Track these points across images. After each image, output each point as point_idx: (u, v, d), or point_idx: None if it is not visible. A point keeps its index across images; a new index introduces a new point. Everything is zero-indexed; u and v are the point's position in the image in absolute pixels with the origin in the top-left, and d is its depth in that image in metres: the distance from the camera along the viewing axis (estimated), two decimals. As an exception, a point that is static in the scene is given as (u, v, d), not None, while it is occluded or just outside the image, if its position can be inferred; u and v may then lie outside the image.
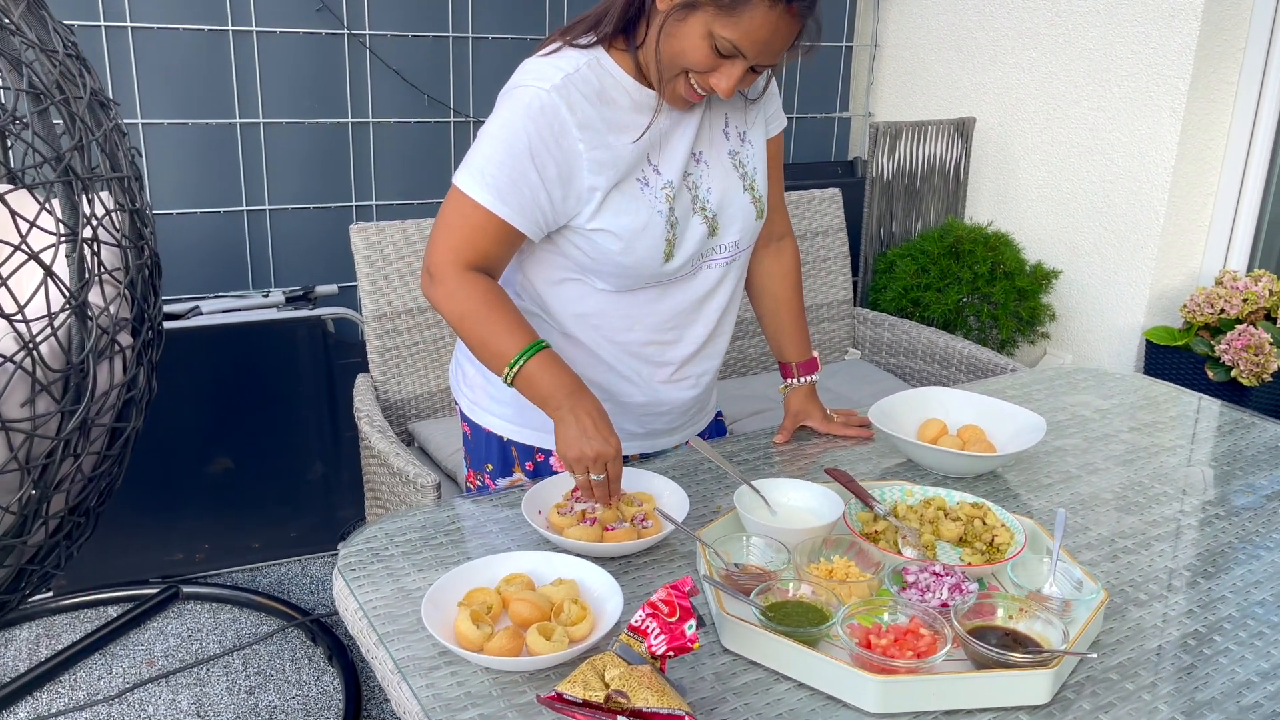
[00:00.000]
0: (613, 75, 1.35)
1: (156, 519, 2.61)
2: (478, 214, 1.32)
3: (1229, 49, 2.83)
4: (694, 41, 1.26)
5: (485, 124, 1.34)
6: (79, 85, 1.46)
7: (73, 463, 1.42)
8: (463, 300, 1.33)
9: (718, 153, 1.45)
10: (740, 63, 1.27)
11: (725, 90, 1.29)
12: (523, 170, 1.30)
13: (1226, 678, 1.07)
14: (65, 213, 1.36)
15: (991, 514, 1.28)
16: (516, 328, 1.32)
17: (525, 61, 1.37)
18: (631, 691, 0.93)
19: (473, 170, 1.32)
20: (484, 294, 1.33)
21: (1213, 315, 2.68)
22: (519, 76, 1.34)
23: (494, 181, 1.31)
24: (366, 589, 1.18)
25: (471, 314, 1.32)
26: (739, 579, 1.15)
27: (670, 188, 1.39)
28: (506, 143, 1.30)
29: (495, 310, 1.32)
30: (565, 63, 1.33)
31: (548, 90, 1.30)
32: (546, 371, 1.30)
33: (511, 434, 1.53)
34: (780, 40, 1.26)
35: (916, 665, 0.99)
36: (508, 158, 1.30)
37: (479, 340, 1.33)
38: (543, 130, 1.30)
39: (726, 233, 1.46)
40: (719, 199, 1.44)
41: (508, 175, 1.30)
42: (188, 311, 2.59)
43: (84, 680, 2.28)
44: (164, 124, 2.74)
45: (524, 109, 1.30)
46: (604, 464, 1.26)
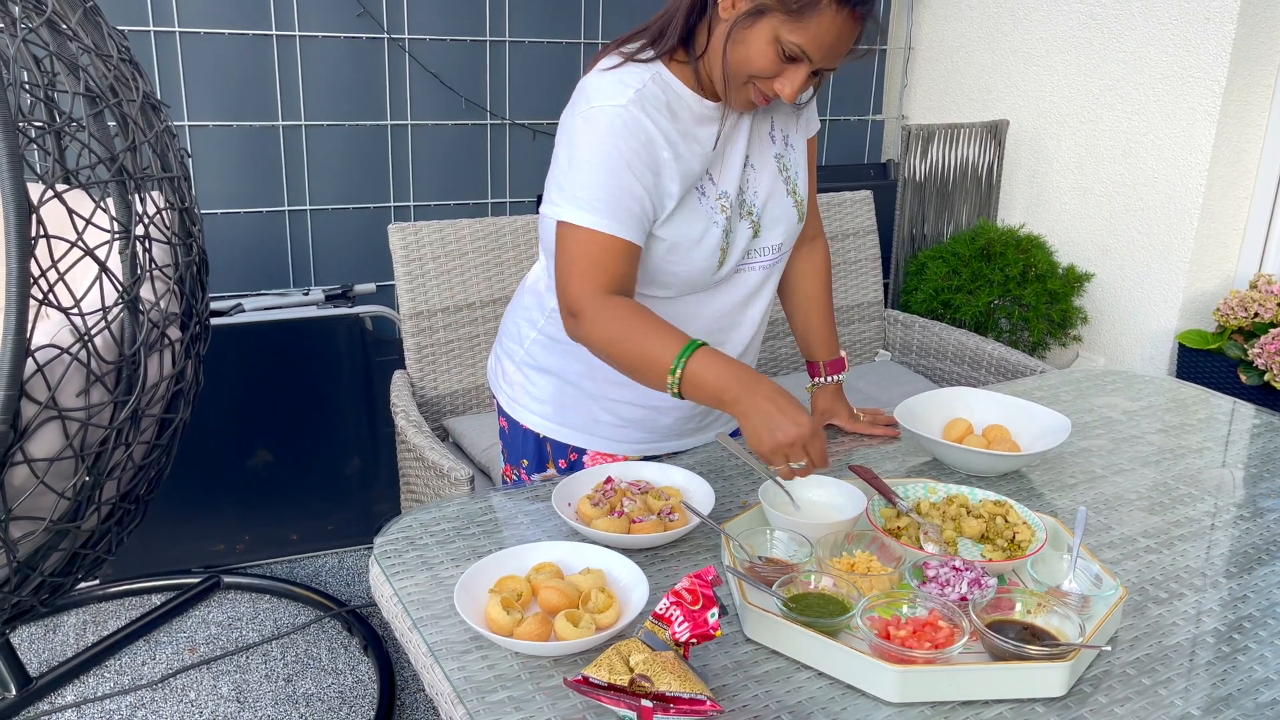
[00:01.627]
0: (674, 89, 1.36)
1: (199, 511, 2.68)
2: (596, 241, 1.30)
3: (1266, 52, 2.81)
4: (760, 47, 1.27)
5: (565, 150, 1.33)
6: (132, 88, 1.52)
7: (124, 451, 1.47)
8: (605, 325, 1.29)
9: (764, 157, 1.47)
10: (805, 67, 1.28)
11: (789, 95, 1.30)
12: (626, 185, 1.30)
13: (1244, 675, 1.08)
14: (119, 211, 1.42)
15: (1013, 511, 1.30)
16: (665, 335, 1.26)
17: (587, 80, 1.36)
18: (655, 676, 0.97)
19: (575, 200, 1.30)
20: (626, 313, 1.28)
21: (1246, 319, 2.67)
22: (589, 97, 1.33)
23: (601, 205, 1.30)
24: (401, 576, 1.22)
25: (618, 336, 1.28)
26: (762, 571, 1.17)
27: (725, 198, 1.41)
28: (602, 164, 1.30)
29: (641, 324, 1.27)
30: (631, 78, 1.33)
31: (625, 106, 1.30)
32: (709, 368, 1.24)
33: (549, 431, 1.56)
34: (844, 43, 1.28)
35: (934, 656, 1.02)
36: (608, 177, 1.30)
37: (633, 358, 1.28)
38: (632, 144, 1.30)
39: (770, 235, 1.48)
40: (764, 202, 1.47)
41: (613, 195, 1.30)
42: (231, 309, 2.66)
43: (129, 665, 2.35)
44: (209, 126, 2.82)
45: (608, 128, 1.30)
46: (801, 448, 1.21)
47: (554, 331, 1.52)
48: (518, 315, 1.60)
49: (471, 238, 2.32)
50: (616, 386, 1.52)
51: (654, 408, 1.54)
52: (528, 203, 3.28)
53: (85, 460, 1.40)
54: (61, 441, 1.38)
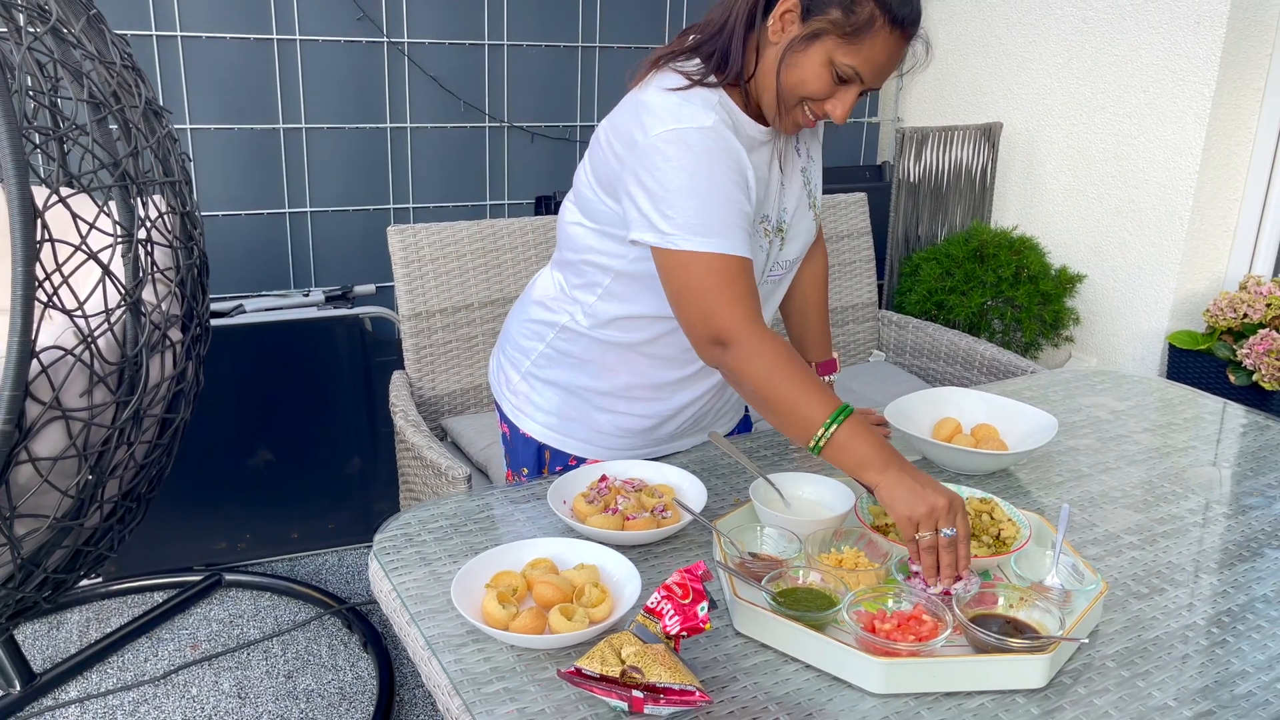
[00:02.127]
0: (736, 115, 1.36)
1: (201, 510, 2.70)
2: (726, 265, 1.28)
3: (1255, 55, 2.84)
4: (815, 70, 1.28)
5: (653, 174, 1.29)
6: (134, 94, 1.55)
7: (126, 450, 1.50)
8: (758, 362, 1.26)
9: (792, 172, 1.48)
10: (856, 87, 1.29)
11: (840, 116, 1.31)
12: (735, 203, 1.30)
13: (1221, 668, 1.11)
14: (121, 215, 1.45)
15: (999, 509, 1.32)
16: (818, 392, 1.25)
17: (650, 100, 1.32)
18: (646, 668, 0.99)
19: (687, 227, 1.27)
20: (781, 355, 1.27)
21: (1235, 320, 2.70)
22: (663, 119, 1.29)
23: (720, 227, 1.28)
24: (400, 572, 1.25)
25: (771, 378, 1.26)
26: (752, 566, 1.20)
27: (767, 221, 1.43)
28: (705, 186, 1.28)
29: (795, 373, 1.26)
30: (702, 102, 1.31)
31: (710, 129, 1.29)
32: (856, 439, 1.22)
33: (552, 441, 1.57)
34: (894, 63, 1.29)
35: (918, 649, 1.04)
36: (714, 199, 1.28)
37: (779, 404, 1.26)
38: (728, 162, 1.30)
39: (789, 249, 1.50)
40: (791, 216, 1.48)
41: (727, 216, 1.29)
42: (232, 310, 2.69)
43: (131, 662, 2.38)
44: (211, 129, 2.85)
45: (702, 150, 1.28)
46: (954, 516, 1.16)
47: (565, 346, 1.53)
48: (524, 327, 1.59)
49: (469, 240, 2.34)
50: (625, 400, 1.53)
51: (659, 418, 1.56)
52: (526, 204, 3.31)
53: (88, 459, 1.43)
54: (65, 441, 1.40)
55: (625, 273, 1.43)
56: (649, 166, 1.29)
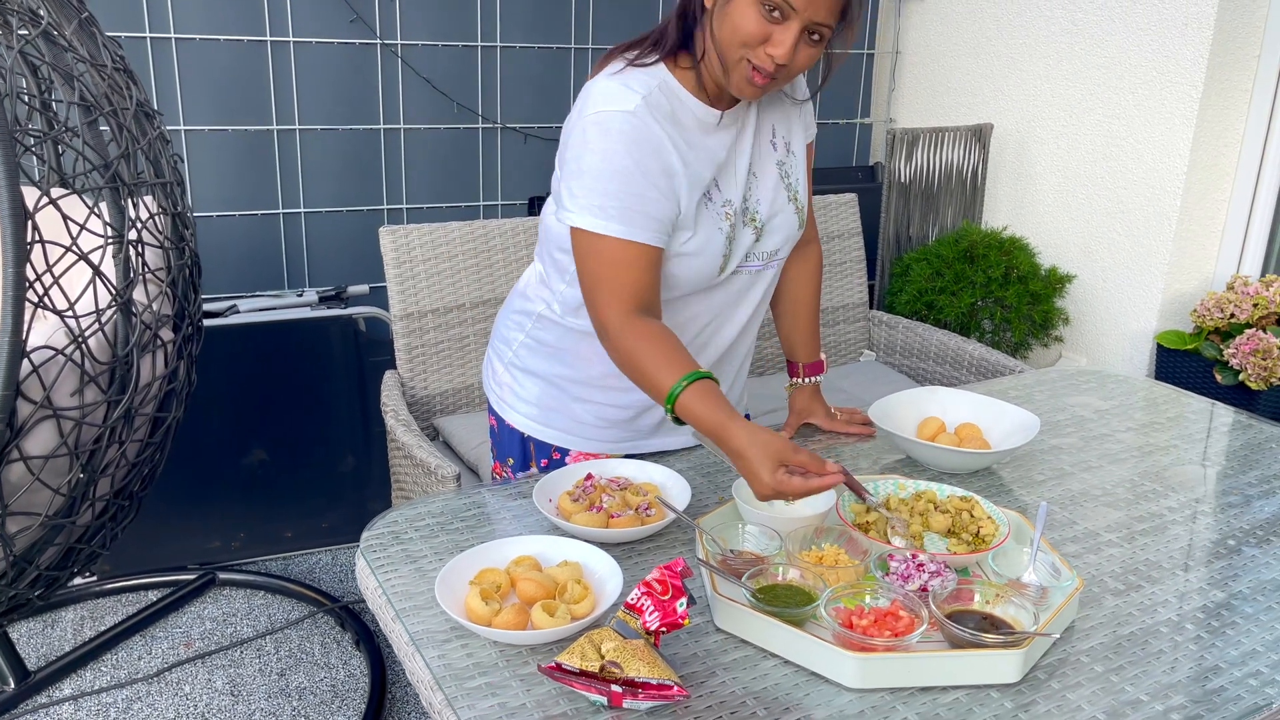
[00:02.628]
0: (679, 96, 1.38)
1: (195, 509, 2.72)
2: (614, 250, 1.32)
3: (1242, 57, 2.86)
4: (743, 12, 1.27)
5: (574, 155, 1.34)
6: (126, 97, 1.57)
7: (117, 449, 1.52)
8: (625, 345, 1.31)
9: (766, 164, 1.49)
10: (794, 22, 1.26)
11: (784, 55, 1.27)
12: (639, 189, 1.32)
13: (1194, 663, 1.12)
14: (112, 216, 1.47)
15: (979, 507, 1.34)
16: (672, 363, 1.28)
17: (592, 84, 1.37)
18: (625, 663, 1.01)
19: (589, 209, 1.32)
20: (650, 336, 1.31)
21: (1223, 320, 2.72)
22: (594, 103, 1.34)
23: (617, 211, 1.31)
24: (386, 569, 1.27)
25: (631, 361, 1.31)
26: (733, 563, 1.22)
27: (730, 205, 1.44)
28: (613, 169, 1.31)
29: (653, 350, 1.29)
30: (636, 84, 1.34)
31: (631, 113, 1.31)
32: (696, 405, 1.25)
33: (534, 431, 1.60)
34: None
35: (893, 644, 1.06)
36: (620, 184, 1.31)
37: (641, 381, 1.31)
38: (643, 147, 1.32)
39: (768, 241, 1.51)
40: (768, 209, 1.49)
41: (629, 201, 1.31)
42: (225, 310, 2.70)
43: (125, 660, 2.39)
44: (205, 130, 2.86)
45: (618, 134, 1.31)
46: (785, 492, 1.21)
47: (541, 335, 1.56)
48: (508, 319, 1.63)
49: (461, 240, 2.36)
50: (600, 390, 1.56)
51: (635, 408, 1.58)
52: (519, 205, 3.32)
53: (79, 458, 1.44)
54: (56, 439, 1.42)
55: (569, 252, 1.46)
56: (573, 145, 1.35)
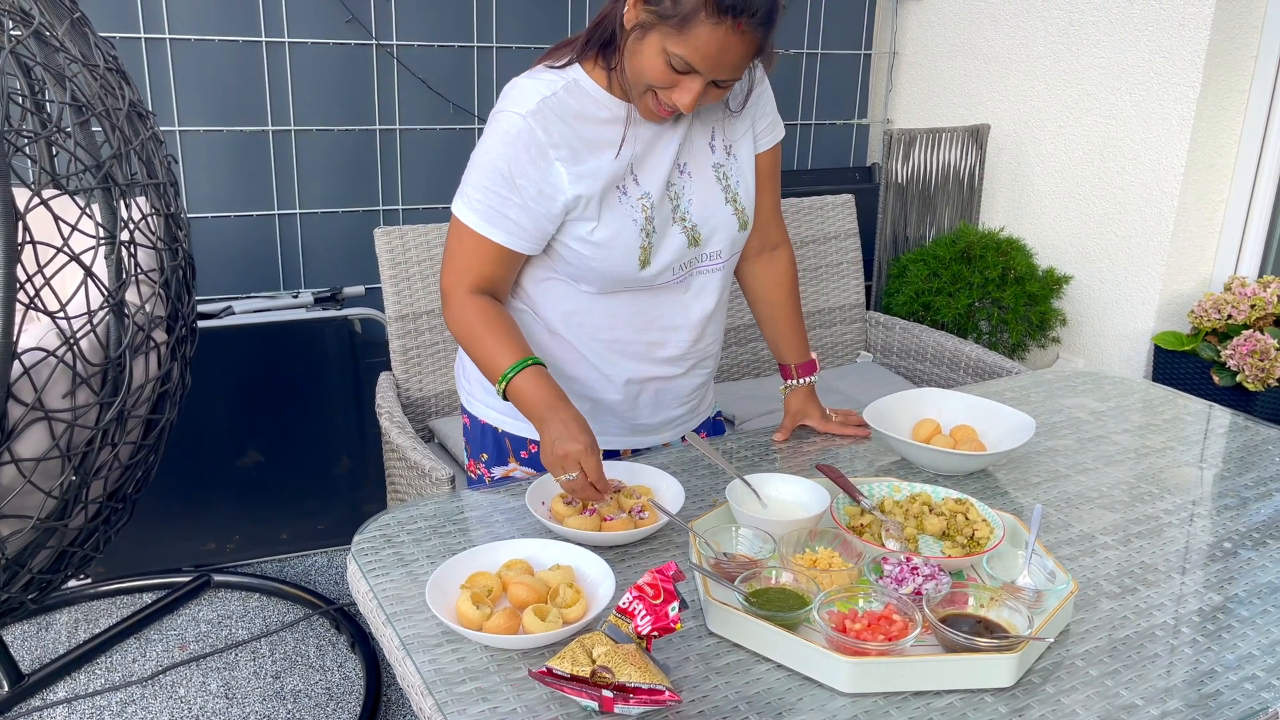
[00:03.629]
0: (589, 93, 1.41)
1: (190, 511, 2.71)
2: (471, 239, 1.42)
3: (1239, 57, 2.85)
4: (651, 59, 1.31)
5: (476, 147, 1.43)
6: (119, 97, 1.56)
7: (110, 451, 1.51)
8: (463, 322, 1.43)
9: (701, 165, 1.50)
10: (697, 79, 1.32)
11: (686, 105, 1.33)
12: (505, 194, 1.40)
13: (1190, 667, 1.12)
14: (104, 217, 1.46)
15: (974, 509, 1.34)
16: (508, 345, 1.40)
17: (508, 84, 1.44)
18: (616, 667, 1.00)
19: (465, 197, 1.42)
20: (481, 314, 1.42)
21: (1220, 321, 2.71)
22: (502, 100, 1.42)
23: (481, 207, 1.41)
24: (377, 573, 1.26)
25: (470, 334, 1.43)
26: (727, 567, 1.21)
27: (647, 199, 1.45)
28: (489, 169, 1.40)
29: (490, 328, 1.41)
30: (543, 86, 1.40)
31: (523, 116, 1.38)
32: (531, 386, 1.38)
33: (505, 425, 1.61)
34: (732, 55, 1.29)
35: (887, 648, 1.05)
36: (490, 183, 1.40)
37: (477, 357, 1.44)
38: (520, 154, 1.38)
39: (710, 243, 1.52)
40: (700, 210, 1.50)
41: (493, 200, 1.40)
42: (220, 311, 2.69)
43: (119, 662, 2.39)
44: (200, 131, 2.85)
45: (502, 135, 1.39)
46: (575, 461, 1.31)
47: None
48: None
49: (456, 241, 2.35)
50: (563, 379, 1.56)
51: (594, 400, 1.58)
52: (515, 206, 3.31)
53: (72, 460, 1.44)
54: (48, 442, 1.41)
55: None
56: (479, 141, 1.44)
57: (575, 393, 1.57)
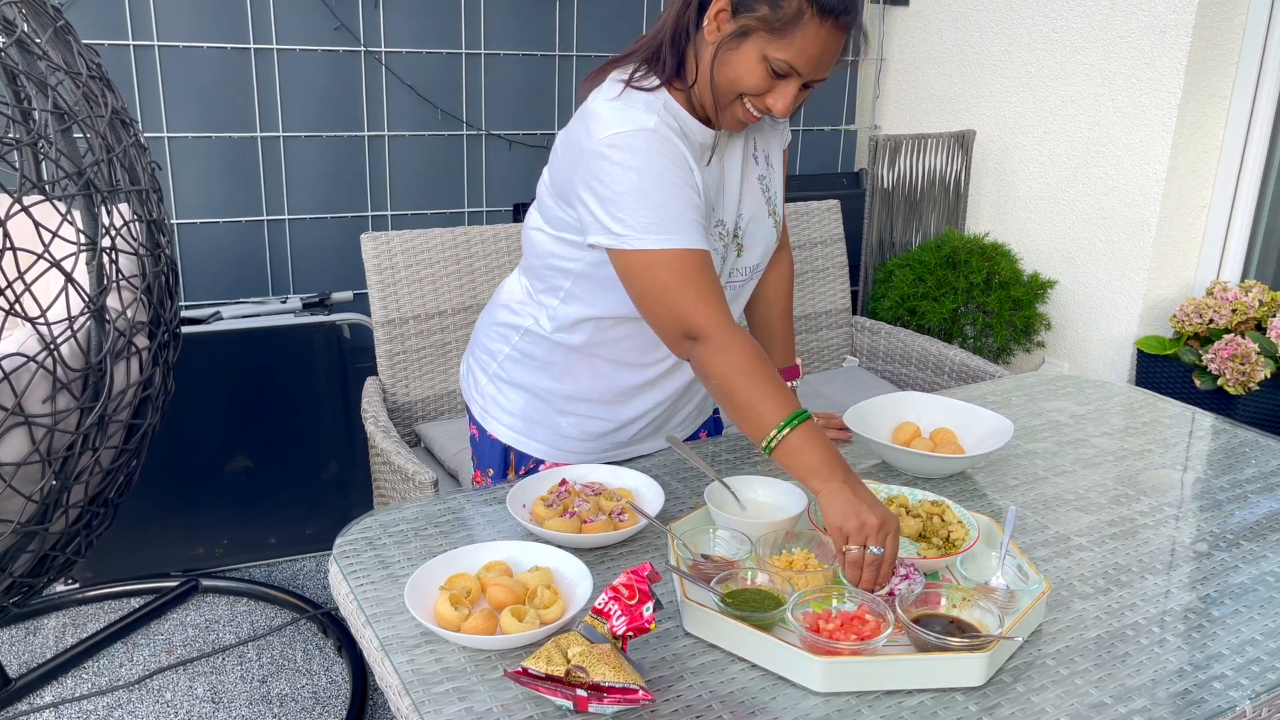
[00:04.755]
0: (682, 118, 1.37)
1: (178, 515, 2.71)
2: (688, 260, 1.29)
3: (1220, 63, 2.88)
4: (749, 66, 1.28)
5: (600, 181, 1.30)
6: (101, 104, 1.57)
7: (91, 456, 1.52)
8: (727, 358, 1.27)
9: (749, 180, 1.49)
10: (795, 81, 1.30)
11: (782, 110, 1.31)
12: (687, 199, 1.31)
13: (1159, 666, 1.13)
14: (85, 223, 1.47)
15: (950, 511, 1.35)
16: (778, 394, 1.25)
17: (595, 108, 1.34)
18: (591, 667, 1.01)
19: (640, 227, 1.28)
20: (748, 353, 1.27)
21: (1202, 325, 2.73)
22: (606, 126, 1.31)
23: (675, 224, 1.29)
24: (358, 575, 1.27)
25: (735, 375, 1.26)
26: (704, 568, 1.22)
27: (722, 227, 1.44)
28: (654, 185, 1.29)
29: (759, 371, 1.26)
30: (643, 104, 1.33)
31: (653, 129, 1.30)
32: (808, 444, 1.23)
33: (516, 443, 1.59)
34: (831, 54, 1.29)
35: (859, 648, 1.06)
36: (670, 196, 1.29)
37: (740, 401, 1.27)
38: (674, 157, 1.31)
39: (749, 256, 1.51)
40: (747, 224, 1.49)
41: (681, 211, 1.29)
42: (209, 317, 2.70)
43: (106, 667, 2.39)
44: (189, 137, 2.86)
45: (646, 150, 1.29)
46: (886, 536, 1.16)
47: (528, 349, 1.55)
48: (491, 330, 1.61)
49: (443, 247, 2.36)
50: (585, 403, 1.55)
51: (619, 421, 1.57)
52: (504, 212, 3.33)
53: (52, 465, 1.44)
54: (28, 446, 1.42)
55: (584, 275, 1.45)
56: (596, 171, 1.31)
57: (598, 418, 1.57)
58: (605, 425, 1.57)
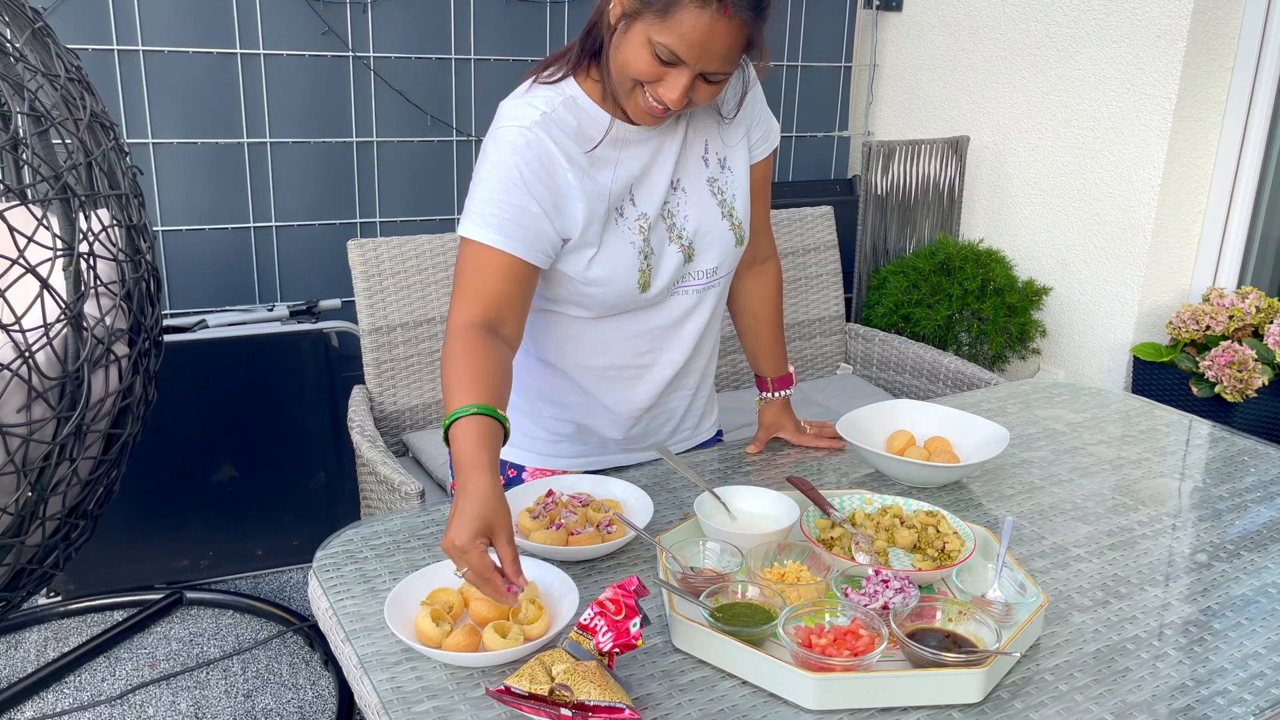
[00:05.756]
0: (587, 111, 1.37)
1: (163, 526, 2.67)
2: (485, 255, 1.32)
3: (1215, 69, 2.86)
4: (636, 50, 1.27)
5: (475, 172, 1.36)
6: (80, 107, 1.54)
7: (69, 466, 1.48)
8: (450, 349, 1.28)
9: (695, 180, 1.47)
10: (684, 70, 1.26)
11: (674, 100, 1.28)
12: (522, 203, 1.32)
13: (1161, 681, 1.10)
14: (62, 228, 1.44)
15: (945, 521, 1.32)
16: (464, 388, 1.22)
17: (501, 104, 1.39)
18: (575, 685, 0.98)
19: (473, 216, 1.33)
20: (461, 351, 1.27)
21: (1198, 332, 2.71)
22: (499, 121, 1.36)
23: (495, 220, 1.31)
24: (338, 589, 1.23)
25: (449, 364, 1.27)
26: (693, 581, 1.19)
27: (645, 219, 1.41)
28: (500, 181, 1.32)
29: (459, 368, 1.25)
30: (540, 102, 1.35)
31: (529, 127, 1.32)
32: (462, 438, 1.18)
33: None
34: (719, 43, 1.24)
35: (853, 664, 1.03)
36: (504, 194, 1.32)
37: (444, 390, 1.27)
38: (532, 163, 1.32)
39: (703, 259, 1.48)
40: (696, 226, 1.46)
41: (508, 211, 1.32)
42: (194, 325, 2.66)
43: (88, 681, 2.35)
44: (174, 143, 2.83)
45: (510, 147, 1.32)
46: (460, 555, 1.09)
47: None
48: None
49: (431, 253, 2.33)
50: (549, 404, 1.53)
51: (587, 426, 1.55)
52: (494, 218, 3.29)
53: (28, 476, 1.41)
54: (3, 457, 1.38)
55: None
56: (477, 163, 1.37)
57: (567, 419, 1.54)
58: (572, 427, 1.55)
